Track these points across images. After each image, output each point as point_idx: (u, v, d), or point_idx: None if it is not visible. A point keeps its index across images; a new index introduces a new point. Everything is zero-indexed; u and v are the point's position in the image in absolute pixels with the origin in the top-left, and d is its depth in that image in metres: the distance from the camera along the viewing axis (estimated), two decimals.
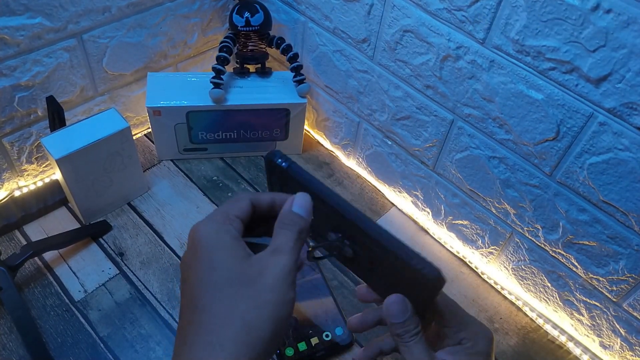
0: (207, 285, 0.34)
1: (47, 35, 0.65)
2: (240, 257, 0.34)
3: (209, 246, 0.34)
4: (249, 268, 0.34)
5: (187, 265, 0.35)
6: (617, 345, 0.63)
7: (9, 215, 0.69)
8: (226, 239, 0.35)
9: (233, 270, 0.34)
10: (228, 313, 0.33)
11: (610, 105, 0.49)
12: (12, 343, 0.59)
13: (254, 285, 0.33)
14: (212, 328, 0.32)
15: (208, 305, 0.33)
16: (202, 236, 0.35)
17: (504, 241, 0.69)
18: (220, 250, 0.34)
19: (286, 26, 0.81)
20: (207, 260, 0.34)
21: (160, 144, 0.80)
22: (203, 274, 0.34)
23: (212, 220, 0.36)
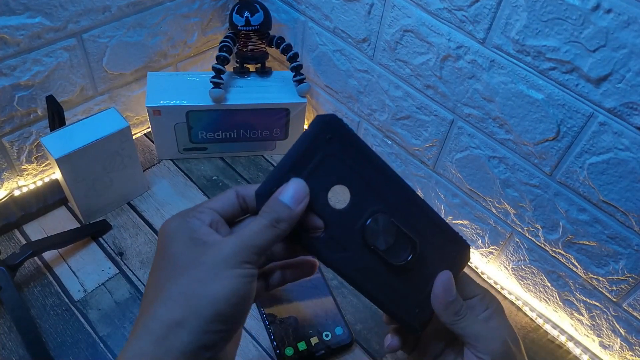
0: (153, 273, 0.34)
1: (47, 34, 0.65)
2: (192, 244, 0.33)
3: (165, 239, 0.34)
4: (196, 252, 0.33)
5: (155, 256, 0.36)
6: (617, 345, 0.63)
7: (9, 215, 0.69)
8: (182, 230, 0.34)
9: (178, 256, 0.33)
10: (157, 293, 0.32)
11: (610, 105, 0.49)
12: (12, 343, 0.59)
13: (193, 265, 0.32)
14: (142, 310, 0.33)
15: (147, 289, 0.34)
16: (163, 229, 0.35)
17: (504, 241, 0.69)
18: (174, 241, 0.34)
19: (286, 26, 0.81)
20: (161, 251, 0.34)
21: (160, 144, 0.80)
22: (155, 265, 0.34)
23: (178, 215, 0.35)
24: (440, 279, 0.39)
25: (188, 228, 0.34)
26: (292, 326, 0.62)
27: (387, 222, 0.36)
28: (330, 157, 0.34)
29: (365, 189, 0.36)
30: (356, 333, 0.63)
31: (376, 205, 0.36)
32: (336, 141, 0.34)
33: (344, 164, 0.35)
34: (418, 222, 0.38)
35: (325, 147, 0.34)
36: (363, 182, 0.36)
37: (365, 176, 0.36)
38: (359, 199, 0.36)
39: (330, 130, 0.34)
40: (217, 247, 0.33)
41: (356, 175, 0.36)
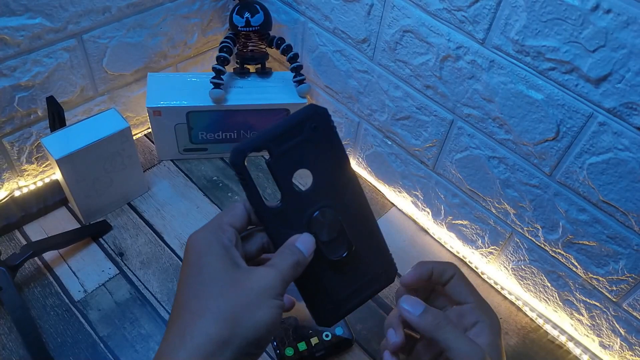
0: (191, 285, 0.35)
1: (47, 35, 0.65)
2: (229, 263, 0.36)
3: (199, 252, 0.36)
4: (235, 273, 0.35)
5: (181, 271, 0.37)
6: (617, 345, 0.63)
7: (9, 215, 0.69)
8: (216, 246, 0.36)
9: (219, 273, 0.35)
10: (204, 308, 0.34)
11: (610, 105, 0.49)
12: (12, 343, 0.59)
13: (238, 288, 0.35)
14: (187, 321, 0.34)
15: (188, 301, 0.35)
16: (194, 243, 0.37)
17: (503, 241, 0.69)
18: (208, 256, 0.36)
19: (286, 26, 0.81)
20: (195, 264, 0.36)
21: (160, 144, 0.80)
22: (189, 277, 0.36)
23: (207, 229, 0.38)
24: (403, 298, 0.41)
25: (221, 246, 0.36)
26: (292, 326, 0.62)
27: (334, 219, 0.40)
28: (307, 143, 0.38)
29: (327, 182, 0.39)
30: (356, 333, 0.63)
31: (330, 200, 0.40)
32: (319, 132, 0.38)
33: (317, 154, 0.38)
34: (360, 231, 0.42)
35: (308, 134, 0.38)
36: (327, 176, 0.39)
37: (331, 172, 0.39)
38: (318, 189, 0.39)
39: (318, 121, 0.38)
40: (260, 277, 0.36)
41: (324, 168, 0.39)
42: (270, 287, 0.35)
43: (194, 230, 0.77)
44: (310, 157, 0.38)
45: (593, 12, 0.46)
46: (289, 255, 0.37)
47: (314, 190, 0.39)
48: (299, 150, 0.37)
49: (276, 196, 0.39)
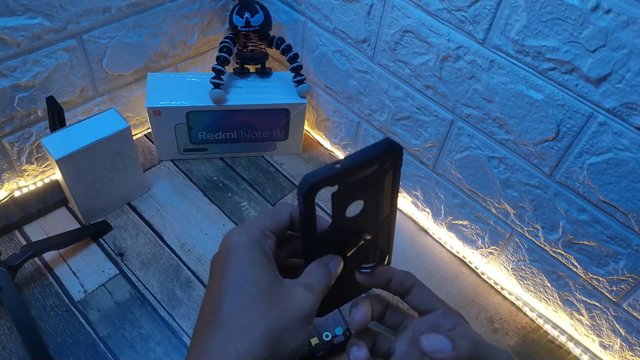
0: (235, 294, 0.34)
1: (47, 35, 0.65)
2: (272, 278, 0.35)
3: (241, 258, 0.35)
4: (280, 290, 0.35)
5: (218, 267, 0.36)
6: (617, 345, 0.63)
7: (9, 216, 0.69)
8: (259, 257, 0.35)
9: (264, 288, 0.34)
10: (251, 324, 0.33)
11: (610, 105, 0.49)
12: (12, 343, 0.59)
13: (282, 309, 0.34)
14: (232, 335, 0.33)
15: (233, 312, 0.34)
16: (236, 246, 0.36)
17: (503, 241, 0.69)
18: (252, 266, 0.35)
19: (286, 26, 0.81)
20: (238, 271, 0.35)
21: (160, 144, 0.80)
22: (233, 283, 0.35)
23: (248, 232, 0.36)
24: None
25: (264, 256, 0.36)
26: None
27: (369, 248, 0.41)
28: (373, 178, 0.37)
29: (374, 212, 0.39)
30: None
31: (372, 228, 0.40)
32: (389, 170, 0.37)
33: (378, 187, 0.38)
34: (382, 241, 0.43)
35: (378, 169, 0.37)
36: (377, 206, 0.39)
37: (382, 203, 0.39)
38: (364, 217, 0.39)
39: (391, 159, 0.37)
40: (301, 300, 0.35)
41: (378, 199, 0.39)
42: (310, 314, 0.35)
43: (194, 230, 0.77)
44: (371, 190, 0.38)
45: (593, 12, 0.46)
46: (323, 278, 0.37)
47: (361, 217, 0.39)
48: (364, 183, 0.37)
49: (276, 197, 0.39)
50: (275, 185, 0.80)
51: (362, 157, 0.35)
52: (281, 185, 0.80)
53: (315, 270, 0.38)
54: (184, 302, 0.65)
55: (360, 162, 0.35)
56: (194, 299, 0.65)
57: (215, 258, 0.37)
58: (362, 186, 0.37)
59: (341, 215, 0.37)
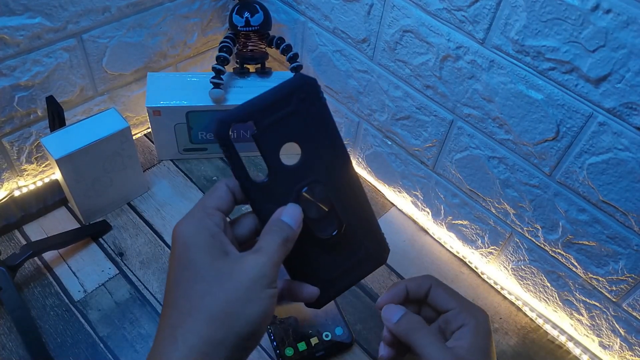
0: (178, 282, 0.34)
1: (47, 35, 0.65)
2: (216, 254, 0.34)
3: (184, 244, 0.34)
4: (224, 265, 0.33)
5: (169, 266, 0.35)
6: (617, 345, 0.63)
7: (9, 215, 0.69)
8: (203, 237, 0.34)
9: (205, 268, 0.33)
10: (194, 307, 0.32)
11: (609, 105, 0.49)
12: (12, 343, 0.59)
13: (226, 282, 0.33)
14: (177, 322, 0.32)
15: (176, 300, 0.33)
16: (180, 235, 0.35)
17: (503, 241, 0.69)
18: (195, 249, 0.34)
19: (286, 26, 0.81)
20: (182, 258, 0.34)
21: (160, 144, 0.80)
22: (177, 272, 0.34)
23: (192, 217, 0.35)
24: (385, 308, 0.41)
25: (208, 234, 0.34)
26: (292, 326, 0.62)
27: (324, 195, 0.38)
28: (295, 115, 0.36)
29: (316, 157, 0.37)
30: (356, 333, 0.63)
31: (319, 175, 0.38)
32: (307, 103, 0.36)
33: (306, 127, 0.36)
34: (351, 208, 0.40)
35: (296, 105, 0.35)
36: (316, 150, 0.37)
37: (320, 146, 0.37)
38: (307, 164, 0.37)
39: (306, 91, 0.35)
40: (248, 266, 0.33)
41: (313, 141, 0.37)
42: (261, 277, 0.33)
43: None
44: (298, 130, 0.36)
45: (593, 12, 0.46)
46: (276, 233, 0.35)
47: (303, 165, 0.37)
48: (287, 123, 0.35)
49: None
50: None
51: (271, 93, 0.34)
52: None
53: (266, 229, 0.36)
54: None
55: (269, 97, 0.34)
56: None
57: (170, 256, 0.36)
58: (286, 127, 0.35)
59: (276, 162, 0.36)
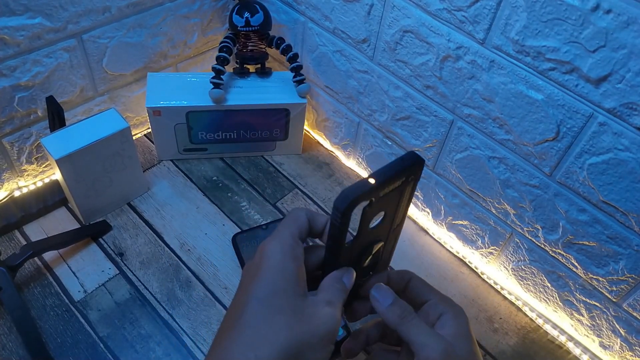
0: (261, 303, 0.35)
1: (47, 35, 0.65)
2: (299, 291, 0.36)
3: (273, 268, 0.36)
4: (305, 306, 0.35)
5: (249, 275, 0.37)
6: (617, 346, 0.63)
7: (9, 215, 0.69)
8: (290, 267, 0.36)
9: (289, 300, 0.35)
10: (273, 335, 0.34)
11: (610, 105, 0.49)
12: (12, 343, 0.59)
13: (307, 324, 0.35)
14: (254, 343, 0.33)
15: (256, 321, 0.34)
16: (269, 255, 0.36)
17: (503, 241, 0.69)
18: (282, 276, 0.36)
19: (286, 26, 0.81)
20: (267, 281, 0.36)
21: (160, 144, 0.80)
22: (260, 292, 0.35)
23: (281, 240, 0.37)
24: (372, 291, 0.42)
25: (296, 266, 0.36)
26: None
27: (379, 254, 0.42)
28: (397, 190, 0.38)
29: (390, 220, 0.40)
30: None
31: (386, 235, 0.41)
32: (411, 180, 0.38)
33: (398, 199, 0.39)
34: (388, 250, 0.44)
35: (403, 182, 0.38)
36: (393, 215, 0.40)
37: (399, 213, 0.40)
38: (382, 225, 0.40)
39: (415, 171, 0.38)
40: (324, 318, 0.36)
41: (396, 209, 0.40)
42: (333, 332, 0.36)
43: (194, 230, 0.77)
44: (393, 201, 0.39)
45: (593, 12, 0.46)
46: (340, 292, 0.38)
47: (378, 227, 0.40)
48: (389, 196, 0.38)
49: (276, 196, 0.39)
50: (275, 185, 0.80)
51: (393, 171, 0.36)
52: (281, 185, 0.80)
53: (332, 285, 0.38)
54: (184, 302, 0.65)
55: (392, 176, 0.36)
56: (194, 299, 0.65)
57: (249, 266, 0.38)
58: (388, 199, 0.38)
59: (365, 228, 0.38)
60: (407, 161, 0.37)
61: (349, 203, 0.34)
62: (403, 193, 0.39)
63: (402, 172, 0.37)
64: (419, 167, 0.38)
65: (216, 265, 0.69)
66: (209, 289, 0.66)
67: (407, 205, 0.41)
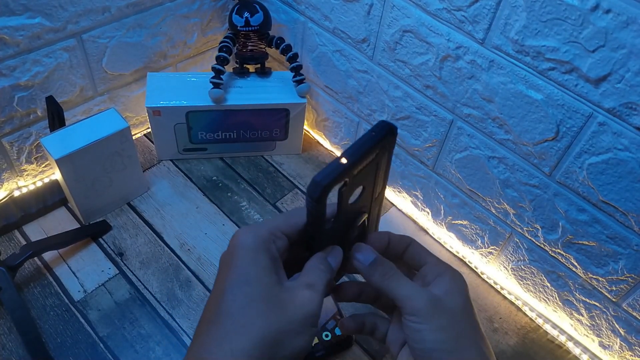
0: (235, 293, 0.34)
1: (47, 35, 0.65)
2: (273, 279, 0.35)
3: (244, 258, 0.35)
4: (281, 292, 0.35)
5: (223, 265, 0.36)
6: (617, 345, 0.63)
7: (9, 215, 0.69)
8: (262, 258, 0.35)
9: (263, 289, 0.34)
10: (249, 326, 0.33)
11: (609, 105, 0.49)
12: (12, 343, 0.59)
13: (283, 310, 0.34)
14: (229, 334, 0.33)
15: (231, 311, 0.34)
16: (241, 245, 0.36)
17: (503, 241, 0.69)
18: (254, 266, 0.35)
19: (286, 26, 0.81)
20: (240, 270, 0.35)
21: (160, 144, 0.80)
22: (234, 282, 0.35)
23: (255, 233, 0.36)
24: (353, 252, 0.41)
25: (270, 258, 0.36)
26: None
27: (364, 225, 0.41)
28: (373, 163, 0.37)
29: (370, 192, 0.39)
30: None
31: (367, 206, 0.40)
32: (385, 152, 0.37)
33: (376, 171, 0.38)
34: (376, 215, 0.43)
35: (377, 154, 0.37)
36: (372, 187, 0.39)
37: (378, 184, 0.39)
38: (361, 199, 0.39)
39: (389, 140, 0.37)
40: (303, 302, 0.35)
41: (373, 181, 0.39)
42: (312, 315, 0.35)
43: (193, 229, 0.77)
44: (370, 174, 0.38)
45: (593, 12, 0.46)
46: (323, 273, 0.37)
47: (359, 201, 0.39)
48: (366, 171, 0.37)
49: (276, 196, 0.39)
50: (275, 185, 0.80)
51: (366, 146, 0.35)
52: (281, 185, 0.80)
53: (315, 266, 0.37)
54: (184, 302, 0.65)
55: (364, 152, 0.35)
56: (194, 298, 0.65)
57: (223, 256, 0.37)
58: (364, 173, 0.36)
59: (345, 206, 0.37)
60: (378, 133, 0.36)
61: (322, 190, 0.33)
62: (379, 164, 0.37)
63: (375, 146, 0.35)
64: (392, 136, 0.36)
65: (216, 265, 0.69)
66: (209, 288, 0.66)
67: (386, 173, 0.39)
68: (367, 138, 0.35)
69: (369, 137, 0.36)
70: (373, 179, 0.38)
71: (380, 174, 0.39)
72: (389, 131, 0.36)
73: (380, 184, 0.40)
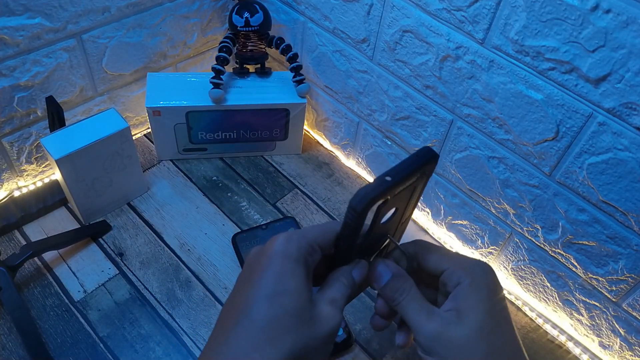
0: (271, 302, 0.34)
1: (47, 35, 0.65)
2: (308, 296, 0.35)
3: (285, 267, 0.35)
4: (310, 308, 0.35)
5: (258, 266, 0.36)
6: (617, 345, 0.63)
7: (9, 216, 0.69)
8: (302, 271, 0.35)
9: (299, 303, 0.34)
10: (280, 338, 0.33)
11: (609, 105, 0.49)
12: (12, 343, 0.59)
13: (311, 327, 0.34)
14: (260, 344, 0.33)
15: (264, 321, 0.34)
16: (283, 253, 0.35)
17: (503, 241, 0.69)
18: (294, 279, 0.35)
19: (286, 26, 0.81)
20: (279, 279, 0.35)
21: (160, 144, 0.80)
22: (273, 291, 0.34)
23: (299, 243, 0.36)
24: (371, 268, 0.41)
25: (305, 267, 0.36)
26: None
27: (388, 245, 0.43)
28: (411, 186, 0.38)
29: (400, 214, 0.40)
30: (356, 333, 0.63)
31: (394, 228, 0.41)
32: (424, 177, 0.38)
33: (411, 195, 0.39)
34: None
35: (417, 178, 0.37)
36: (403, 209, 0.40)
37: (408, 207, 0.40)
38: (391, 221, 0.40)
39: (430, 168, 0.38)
40: (328, 320, 0.35)
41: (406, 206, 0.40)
42: (334, 334, 0.36)
43: (193, 230, 0.77)
44: (405, 196, 0.38)
45: (593, 12, 0.46)
46: (345, 288, 0.38)
47: (389, 221, 0.40)
48: (403, 192, 0.37)
49: (276, 196, 0.39)
50: (275, 185, 0.80)
51: (409, 169, 0.36)
52: (281, 185, 0.80)
53: (337, 279, 0.38)
54: (184, 302, 0.65)
55: (408, 174, 0.36)
56: (194, 299, 0.65)
57: (257, 255, 0.36)
58: (401, 195, 0.37)
59: (377, 224, 0.38)
60: (422, 157, 0.37)
61: (367, 203, 0.34)
62: (416, 188, 0.39)
63: (417, 170, 0.36)
64: (433, 162, 0.37)
65: (216, 265, 0.69)
66: (209, 289, 0.66)
67: (418, 199, 0.41)
68: (411, 161, 0.36)
69: (413, 160, 0.36)
70: (406, 202, 0.39)
71: (413, 199, 0.40)
72: (431, 157, 0.37)
73: (410, 209, 0.41)
